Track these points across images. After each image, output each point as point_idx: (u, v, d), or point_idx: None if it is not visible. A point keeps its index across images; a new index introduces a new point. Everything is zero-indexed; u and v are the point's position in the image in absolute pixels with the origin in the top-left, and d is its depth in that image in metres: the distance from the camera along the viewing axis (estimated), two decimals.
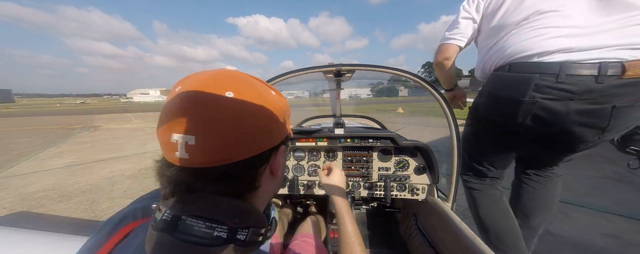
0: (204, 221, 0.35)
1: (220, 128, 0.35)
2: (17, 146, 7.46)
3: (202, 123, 0.35)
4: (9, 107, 39.70)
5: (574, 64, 0.85)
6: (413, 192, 1.56)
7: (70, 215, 3.01)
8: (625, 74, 0.79)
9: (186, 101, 0.36)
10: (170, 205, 0.37)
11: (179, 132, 0.35)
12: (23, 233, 1.01)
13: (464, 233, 1.01)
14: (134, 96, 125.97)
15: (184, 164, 0.36)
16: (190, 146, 0.34)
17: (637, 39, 0.80)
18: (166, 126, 0.36)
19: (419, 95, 4.31)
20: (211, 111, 0.35)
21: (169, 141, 0.36)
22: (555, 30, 0.89)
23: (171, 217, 0.36)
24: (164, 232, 0.36)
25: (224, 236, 0.36)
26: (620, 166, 4.43)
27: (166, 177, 0.38)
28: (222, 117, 0.35)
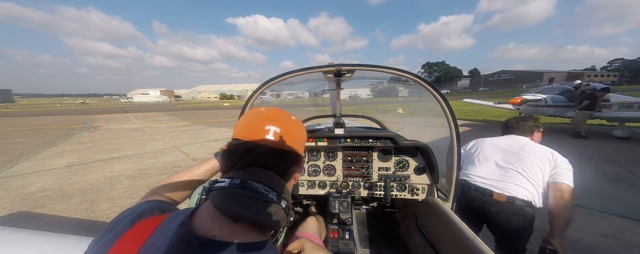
0: (264, 186, 0.48)
1: (291, 129, 0.59)
2: (17, 146, 7.47)
3: (284, 123, 0.59)
4: (9, 107, 39.68)
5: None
6: (413, 192, 1.56)
7: (70, 215, 3.01)
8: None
9: (274, 112, 0.61)
10: (238, 175, 0.50)
11: (273, 124, 0.56)
12: (23, 233, 1.00)
13: (464, 233, 1.01)
14: (134, 96, 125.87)
15: (271, 144, 0.54)
16: (277, 133, 0.55)
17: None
18: (261, 119, 0.57)
19: (419, 95, 4.36)
20: (288, 119, 0.61)
21: (263, 129, 0.55)
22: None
23: (240, 180, 0.48)
24: (236, 189, 0.47)
25: (275, 198, 0.49)
26: (620, 166, 4.43)
27: (245, 153, 0.53)
28: (292, 124, 0.61)
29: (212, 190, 0.48)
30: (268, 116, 0.59)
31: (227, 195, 0.46)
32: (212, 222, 0.46)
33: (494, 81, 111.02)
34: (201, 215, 0.48)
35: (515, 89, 64.18)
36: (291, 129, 0.59)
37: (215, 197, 0.47)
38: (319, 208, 1.83)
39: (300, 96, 12.37)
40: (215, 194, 0.47)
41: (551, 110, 7.91)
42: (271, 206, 0.47)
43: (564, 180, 1.43)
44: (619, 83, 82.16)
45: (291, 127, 0.59)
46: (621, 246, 2.25)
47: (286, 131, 0.57)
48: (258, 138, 0.54)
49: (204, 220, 0.46)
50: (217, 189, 0.48)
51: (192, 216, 0.48)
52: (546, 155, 1.52)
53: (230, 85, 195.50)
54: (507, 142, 1.71)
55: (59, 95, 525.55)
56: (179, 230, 0.45)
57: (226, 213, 0.45)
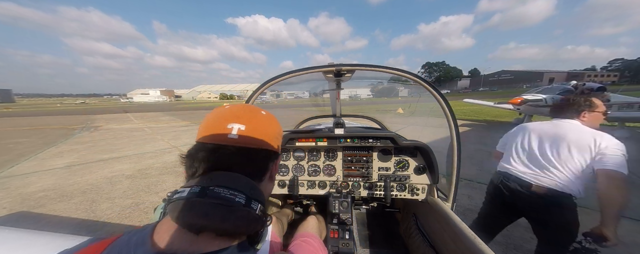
0: (229, 190, 0.44)
1: (259, 125, 0.55)
2: (17, 146, 7.46)
3: (250, 119, 0.54)
4: (9, 107, 39.68)
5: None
6: (413, 192, 1.56)
7: (70, 215, 3.01)
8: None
9: (239, 108, 0.57)
10: (198, 182, 0.46)
11: (236, 122, 0.52)
12: (23, 233, 1.00)
13: (464, 233, 1.01)
14: (134, 96, 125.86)
15: (234, 143, 0.50)
16: (241, 131, 0.51)
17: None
18: (223, 119, 0.53)
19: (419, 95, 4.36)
20: (255, 114, 0.57)
21: (224, 128, 0.51)
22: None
23: (200, 188, 0.44)
24: (196, 197, 0.43)
25: (243, 201, 0.44)
26: None
27: (205, 157, 0.49)
28: (260, 119, 0.57)
29: (170, 202, 0.44)
30: (231, 113, 0.54)
31: (184, 206, 0.42)
32: (172, 237, 0.42)
33: (494, 81, 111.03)
34: (160, 231, 0.44)
35: (516, 89, 64.17)
36: (259, 125, 0.55)
37: (172, 209, 0.43)
38: (319, 207, 1.83)
39: (300, 96, 12.38)
40: (173, 206, 0.43)
41: None
42: (238, 211, 0.43)
43: (608, 166, 1.35)
44: (619, 83, 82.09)
45: (259, 123, 0.55)
46: (621, 246, 2.25)
47: (253, 127, 0.53)
48: (220, 139, 0.50)
49: (163, 237, 0.43)
50: (175, 200, 0.43)
51: (152, 234, 0.44)
52: (587, 142, 1.42)
53: (231, 85, 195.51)
54: (549, 128, 1.60)
55: (59, 95, 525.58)
56: (138, 251, 0.42)
57: (185, 226, 0.41)
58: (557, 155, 1.48)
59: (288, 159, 1.69)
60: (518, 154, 1.67)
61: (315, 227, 1.27)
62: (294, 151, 1.69)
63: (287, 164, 1.69)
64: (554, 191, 1.44)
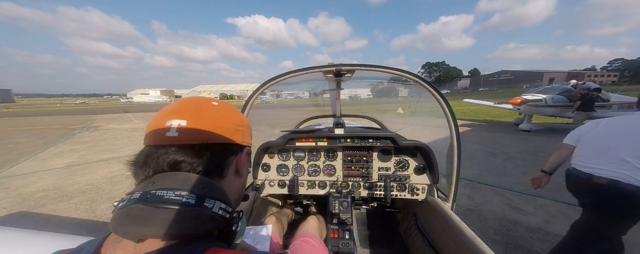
0: (173, 191, 0.41)
1: (205, 117, 0.50)
2: (17, 146, 7.46)
3: (192, 112, 0.49)
4: (9, 107, 39.68)
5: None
6: (413, 192, 1.56)
7: (70, 215, 3.01)
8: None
9: (182, 102, 0.52)
10: (141, 187, 0.42)
11: (174, 118, 0.47)
12: (23, 233, 1.00)
13: (464, 233, 1.01)
14: (134, 96, 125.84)
15: (173, 142, 0.46)
16: (182, 127, 0.46)
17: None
18: (162, 116, 0.48)
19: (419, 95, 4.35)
20: (200, 106, 0.52)
21: (163, 126, 0.46)
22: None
23: (141, 193, 0.41)
24: (136, 204, 0.39)
25: (192, 201, 0.41)
26: None
27: (144, 161, 0.45)
28: (207, 111, 0.51)
29: (113, 213, 0.42)
30: (172, 109, 0.50)
31: (121, 216, 0.39)
32: (115, 247, 0.40)
33: (494, 81, 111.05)
34: (106, 244, 0.41)
35: (516, 89, 64.18)
36: (205, 117, 0.50)
37: (112, 221, 0.40)
38: (319, 207, 1.83)
39: (300, 96, 12.39)
40: (113, 217, 0.40)
41: (551, 110, 7.91)
42: (187, 212, 0.39)
43: None
44: (619, 83, 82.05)
45: (204, 115, 0.50)
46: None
47: (196, 121, 0.48)
48: (158, 139, 0.47)
49: (107, 248, 0.40)
50: (116, 210, 0.41)
51: (102, 244, 0.42)
52: None
53: (231, 85, 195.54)
54: (623, 121, 1.59)
55: (59, 95, 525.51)
56: None
57: (124, 236, 0.39)
58: (628, 146, 1.46)
59: (288, 159, 1.69)
60: (590, 147, 1.63)
61: (315, 227, 1.27)
62: (294, 151, 1.69)
63: (287, 164, 1.69)
64: (621, 182, 1.42)
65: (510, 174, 4.16)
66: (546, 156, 5.38)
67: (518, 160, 4.95)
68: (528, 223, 2.62)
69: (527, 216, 2.76)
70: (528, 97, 8.08)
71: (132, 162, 0.48)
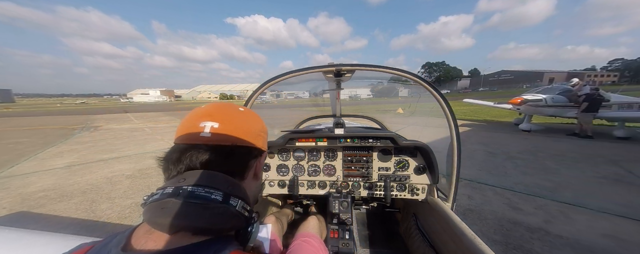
0: (203, 188, 0.44)
1: (235, 121, 0.54)
2: (17, 146, 7.46)
3: (224, 116, 0.54)
4: (9, 107, 39.67)
5: None
6: (413, 192, 1.56)
7: (70, 215, 3.01)
8: None
9: (214, 106, 0.57)
10: (173, 182, 0.45)
11: (208, 120, 0.51)
12: (23, 233, 1.00)
13: (464, 233, 1.01)
14: (134, 96, 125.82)
15: (206, 141, 0.50)
16: (214, 129, 0.50)
17: None
18: (196, 118, 0.52)
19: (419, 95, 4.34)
20: (230, 111, 0.56)
21: (197, 126, 0.50)
22: None
23: (174, 188, 0.43)
24: (169, 198, 0.42)
25: (219, 198, 0.44)
26: (620, 166, 4.43)
27: (178, 158, 0.48)
28: (236, 116, 0.56)
29: (145, 205, 0.44)
30: (205, 112, 0.54)
31: (156, 208, 0.42)
32: (147, 239, 0.42)
33: (494, 81, 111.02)
34: (137, 234, 0.44)
35: (516, 89, 64.18)
36: (234, 122, 0.54)
37: (146, 212, 0.43)
38: (319, 207, 1.83)
39: (300, 96, 12.37)
40: (147, 209, 0.43)
41: (551, 110, 7.91)
42: (215, 208, 0.43)
43: None
44: (619, 83, 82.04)
45: (234, 120, 0.54)
46: (621, 246, 2.25)
47: (226, 125, 0.52)
48: (192, 138, 0.50)
49: (140, 239, 0.43)
50: (149, 203, 0.43)
51: (131, 236, 0.44)
52: None
53: (231, 85, 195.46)
54: None
55: (59, 95, 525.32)
56: (112, 251, 0.42)
57: (158, 227, 0.41)
58: None
59: (288, 159, 1.69)
60: None
61: (316, 227, 1.27)
62: (294, 151, 1.69)
63: (287, 164, 1.69)
64: None
65: (510, 174, 4.15)
66: (546, 156, 5.40)
67: (518, 160, 4.95)
68: (528, 223, 2.62)
69: (527, 216, 2.77)
70: (528, 97, 8.08)
71: (163, 158, 0.51)
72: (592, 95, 6.97)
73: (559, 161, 4.76)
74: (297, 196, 1.65)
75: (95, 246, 0.46)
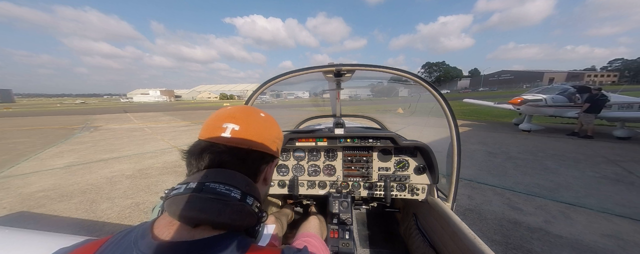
0: (224, 185, 0.47)
1: (254, 126, 0.57)
2: (17, 146, 7.47)
3: (245, 120, 0.56)
4: (9, 107, 39.69)
5: None
6: (413, 192, 1.56)
7: (70, 215, 3.01)
8: None
9: (237, 109, 0.59)
10: (196, 178, 0.48)
11: (231, 122, 0.54)
12: (23, 233, 1.00)
13: (464, 233, 1.01)
14: (134, 96, 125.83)
15: (226, 142, 0.52)
16: (235, 131, 0.53)
17: None
18: (220, 118, 0.55)
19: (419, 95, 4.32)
20: (252, 115, 0.59)
21: (220, 127, 0.53)
22: None
23: (197, 183, 0.46)
24: (193, 193, 0.45)
25: (238, 196, 0.47)
26: (620, 166, 4.43)
27: (200, 154, 0.51)
28: (257, 121, 0.58)
29: (168, 198, 0.46)
30: (229, 113, 0.57)
31: (182, 201, 0.44)
32: (171, 230, 0.44)
33: (494, 81, 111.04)
34: (159, 226, 0.46)
35: (516, 89, 64.18)
36: (253, 126, 0.56)
37: (170, 205, 0.45)
38: (319, 207, 1.83)
39: (300, 96, 12.37)
40: (170, 202, 0.45)
41: (551, 110, 7.91)
42: (234, 205, 0.46)
43: None
44: (619, 83, 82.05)
45: (254, 124, 0.57)
46: (621, 246, 2.25)
47: (246, 128, 0.55)
48: (214, 137, 0.53)
49: (163, 230, 0.45)
50: (172, 196, 0.46)
51: (152, 228, 0.46)
52: None
53: (230, 85, 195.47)
54: None
55: (59, 95, 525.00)
56: (139, 242, 0.43)
57: (183, 219, 0.43)
58: None
59: (288, 159, 1.69)
60: None
61: (316, 227, 1.27)
62: (294, 151, 1.69)
63: (287, 164, 1.69)
64: None
65: (510, 174, 4.15)
66: (546, 156, 5.39)
67: (518, 160, 4.95)
68: (528, 223, 2.62)
69: (527, 216, 2.77)
70: (528, 97, 8.08)
71: (187, 151, 0.54)
72: (595, 95, 6.97)
73: (559, 161, 4.76)
74: (297, 196, 1.65)
75: (106, 242, 0.47)
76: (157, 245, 0.42)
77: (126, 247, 0.44)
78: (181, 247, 0.42)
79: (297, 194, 1.63)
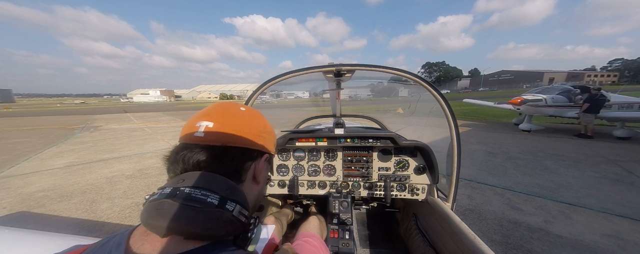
0: (200, 190, 0.43)
1: (231, 120, 0.53)
2: (17, 146, 7.46)
3: (219, 116, 0.53)
4: (9, 107, 39.69)
5: None
6: (413, 192, 1.56)
7: (70, 215, 3.01)
8: None
9: (214, 106, 0.56)
10: (172, 183, 0.45)
11: (204, 120, 0.51)
12: (23, 233, 1.00)
13: (464, 233, 1.01)
14: (134, 96, 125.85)
15: (198, 142, 0.49)
16: (208, 128, 0.50)
17: None
18: (196, 118, 0.52)
19: (419, 95, 4.33)
20: (229, 111, 0.55)
21: (193, 126, 0.50)
22: None
23: (171, 189, 0.43)
24: (166, 199, 0.41)
25: (215, 202, 0.42)
26: (620, 166, 4.43)
27: (174, 158, 0.49)
28: (234, 115, 0.54)
29: (144, 204, 0.44)
30: (204, 112, 0.54)
31: (151, 209, 0.41)
32: (143, 240, 0.41)
33: (494, 81, 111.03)
34: (135, 235, 0.43)
35: (516, 89, 64.18)
36: (230, 121, 0.52)
37: (143, 212, 0.42)
38: (319, 207, 1.83)
39: (300, 96, 12.37)
40: (144, 209, 0.42)
41: (551, 110, 7.91)
42: (209, 212, 0.41)
43: None
44: (619, 83, 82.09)
45: (231, 119, 0.53)
46: (621, 246, 2.25)
47: (221, 124, 0.51)
48: (188, 138, 0.50)
49: (136, 240, 0.42)
50: (147, 203, 0.43)
51: (130, 237, 0.43)
52: None
53: (230, 85, 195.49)
54: None
55: (59, 95, 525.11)
56: (113, 252, 0.41)
57: (151, 229, 0.40)
58: None
59: (288, 159, 1.69)
60: None
61: (316, 227, 1.27)
62: (294, 151, 1.69)
63: (287, 164, 1.69)
64: None
65: (510, 174, 4.15)
66: (546, 156, 5.39)
67: (518, 160, 4.95)
68: (528, 223, 2.62)
69: (527, 216, 2.77)
70: (528, 97, 8.08)
71: (165, 157, 0.52)
72: (594, 95, 6.96)
73: (559, 161, 4.76)
74: (297, 196, 1.65)
75: (91, 246, 0.45)
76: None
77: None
78: None
79: (297, 194, 1.63)
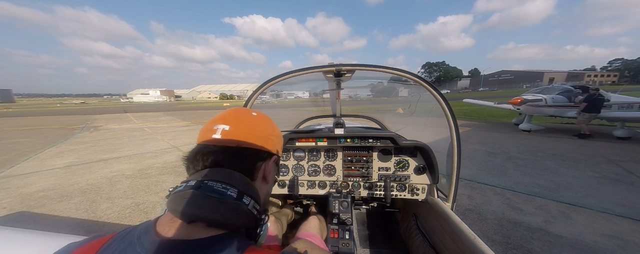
0: (221, 184, 0.48)
1: (245, 124, 0.59)
2: (17, 146, 7.46)
3: (235, 119, 0.59)
4: (9, 107, 39.69)
5: None
6: (413, 192, 1.56)
7: (70, 215, 3.01)
8: None
9: (229, 111, 0.62)
10: (196, 177, 0.50)
11: (221, 123, 0.56)
12: (23, 233, 1.00)
13: (464, 233, 1.01)
14: (134, 96, 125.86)
15: (217, 143, 0.55)
16: (225, 131, 0.55)
17: None
18: (213, 121, 0.58)
19: (419, 95, 4.33)
20: (242, 115, 0.61)
21: (211, 129, 0.56)
22: None
23: (195, 181, 0.48)
24: (190, 190, 0.47)
25: (234, 195, 0.48)
26: (620, 166, 4.43)
27: (194, 157, 0.54)
28: (247, 120, 0.60)
29: (169, 195, 0.49)
30: (220, 116, 0.60)
31: (180, 198, 0.46)
32: (170, 226, 0.46)
33: (494, 81, 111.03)
34: (161, 222, 0.48)
35: (516, 89, 64.18)
36: (243, 125, 0.58)
37: (170, 201, 0.47)
38: (319, 207, 1.83)
39: (300, 96, 12.38)
40: (171, 198, 0.48)
41: (551, 110, 7.91)
42: (229, 204, 0.47)
43: None
44: (619, 83, 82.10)
45: (244, 123, 0.59)
46: (621, 246, 2.25)
47: (236, 127, 0.57)
48: (206, 139, 0.56)
49: (164, 226, 0.47)
50: (173, 194, 0.48)
51: (156, 224, 0.48)
52: None
53: (230, 85, 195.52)
54: None
55: (59, 95, 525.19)
56: (143, 238, 0.46)
57: (180, 215, 0.45)
58: None
59: (288, 159, 1.69)
60: None
61: (316, 227, 1.27)
62: (294, 151, 1.69)
63: (287, 164, 1.69)
64: None
65: (510, 174, 4.15)
66: (546, 156, 5.39)
67: (518, 160, 4.95)
68: (528, 223, 2.62)
69: (527, 216, 2.77)
70: (528, 97, 8.08)
71: (185, 156, 0.57)
72: (592, 95, 6.96)
73: (559, 161, 4.76)
74: (297, 196, 1.65)
75: (115, 236, 0.50)
76: (159, 242, 0.44)
77: (130, 243, 0.46)
78: (180, 245, 0.44)
79: (297, 194, 1.63)
